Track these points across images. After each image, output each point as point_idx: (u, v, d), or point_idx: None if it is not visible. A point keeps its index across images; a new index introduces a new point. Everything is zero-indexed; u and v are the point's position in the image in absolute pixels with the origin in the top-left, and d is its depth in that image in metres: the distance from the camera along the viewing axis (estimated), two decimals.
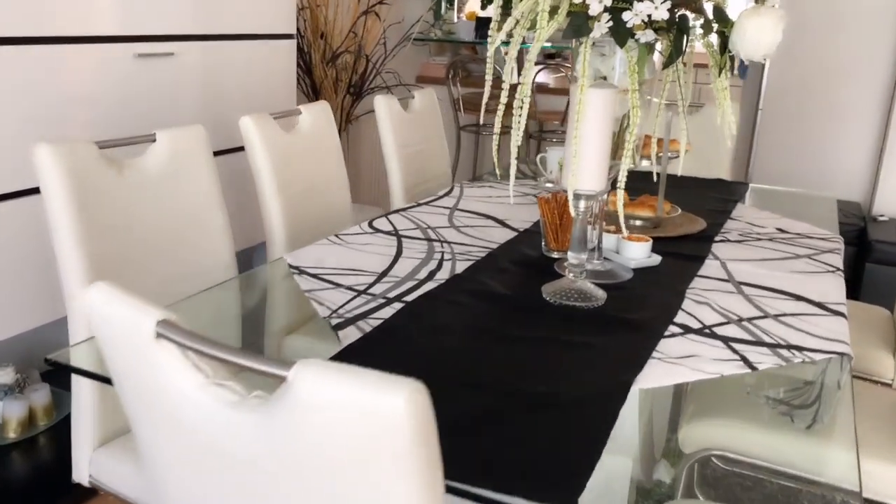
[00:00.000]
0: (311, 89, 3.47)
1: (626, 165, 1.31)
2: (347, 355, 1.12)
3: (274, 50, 2.84)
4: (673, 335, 1.27)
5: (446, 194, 2.13)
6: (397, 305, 1.32)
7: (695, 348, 1.22)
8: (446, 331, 1.23)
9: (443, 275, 1.48)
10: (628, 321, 1.30)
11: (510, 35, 1.33)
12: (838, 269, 1.64)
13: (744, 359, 1.19)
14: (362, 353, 1.13)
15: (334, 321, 1.25)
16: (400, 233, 1.74)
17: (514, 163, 1.33)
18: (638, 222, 1.88)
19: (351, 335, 1.19)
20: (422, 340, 1.19)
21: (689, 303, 1.41)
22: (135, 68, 2.27)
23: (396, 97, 2.39)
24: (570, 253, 1.39)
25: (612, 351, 1.19)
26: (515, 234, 1.78)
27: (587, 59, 1.26)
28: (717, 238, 1.82)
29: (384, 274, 1.47)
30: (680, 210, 1.97)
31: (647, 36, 1.23)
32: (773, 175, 3.77)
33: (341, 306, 1.31)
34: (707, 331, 1.29)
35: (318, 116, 1.98)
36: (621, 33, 1.21)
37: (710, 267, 1.61)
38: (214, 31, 2.56)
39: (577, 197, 1.34)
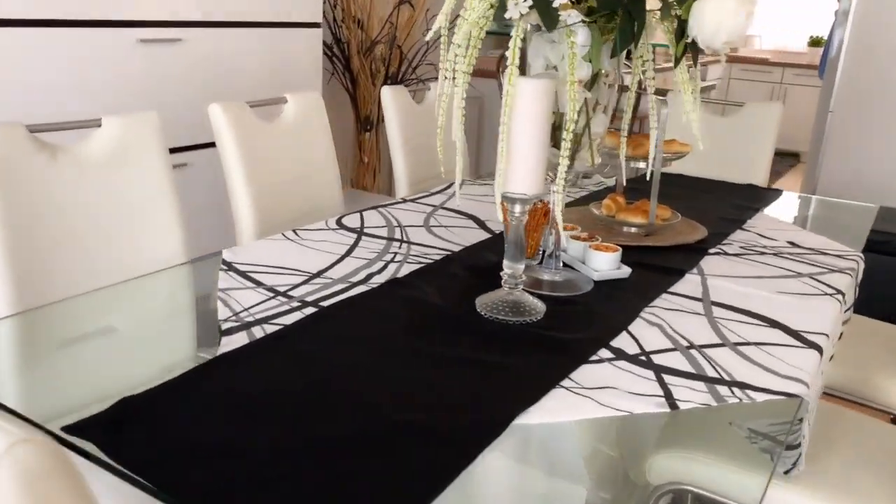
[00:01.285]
0: (349, 80, 3.41)
1: (563, 167, 1.18)
2: (221, 364, 1.04)
3: (297, 38, 2.79)
4: (600, 360, 1.13)
5: (441, 190, 2.02)
6: (310, 310, 1.23)
7: (617, 378, 1.08)
8: (348, 342, 1.13)
9: (381, 278, 1.38)
10: (558, 341, 1.17)
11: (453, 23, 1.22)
12: (838, 293, 1.44)
13: (668, 395, 1.04)
14: (236, 364, 1.05)
15: (227, 325, 1.17)
16: (364, 230, 1.65)
17: (459, 161, 1.21)
18: (632, 229, 1.72)
19: (237, 342, 1.11)
20: (313, 352, 1.09)
21: (640, 323, 1.26)
22: (137, 54, 2.25)
23: (412, 89, 2.30)
24: (504, 261, 1.27)
25: (523, 376, 1.06)
26: (489, 236, 1.65)
27: (517, 43, 1.13)
28: (711, 250, 1.65)
29: (318, 274, 1.38)
30: (680, 217, 1.80)
31: (572, 17, 1.09)
32: (842, 184, 3.48)
33: (247, 308, 1.23)
34: (643, 357, 1.14)
35: (305, 106, 1.91)
36: (548, 15, 1.08)
37: (686, 283, 1.45)
38: (232, 18, 2.53)
39: (512, 201, 1.21)
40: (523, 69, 1.27)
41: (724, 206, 2.03)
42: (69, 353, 1.08)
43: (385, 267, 1.44)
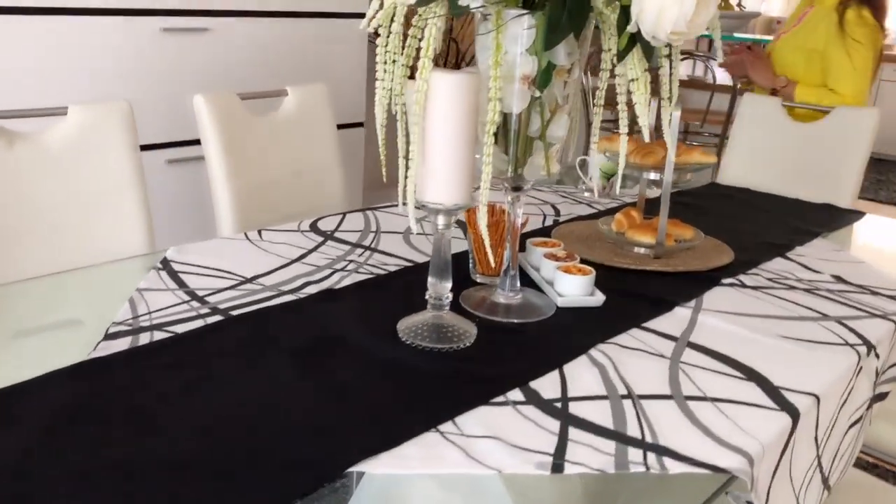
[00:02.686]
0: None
1: (487, 174, 1.01)
2: (66, 374, 0.96)
3: (339, 29, 2.69)
4: (504, 403, 0.95)
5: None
6: (215, 319, 1.13)
7: (510, 426, 0.90)
8: (227, 358, 1.01)
9: (316, 288, 1.26)
10: (470, 376, 1.00)
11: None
12: (862, 343, 1.18)
13: (559, 453, 0.85)
14: (88, 375, 0.96)
15: (117, 328, 1.08)
16: (335, 234, 1.53)
17: (410, 179, 1.08)
18: (642, 250, 1.51)
19: (114, 347, 1.02)
20: (181, 366, 0.99)
21: (581, 362, 1.07)
22: (162, 43, 2.24)
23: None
24: (429, 279, 1.11)
25: (402, 414, 0.91)
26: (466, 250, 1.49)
27: (432, 33, 0.98)
28: (727, 280, 1.41)
29: (250, 280, 1.28)
30: (703, 237, 1.56)
31: (475, 1, 0.92)
32: None
33: (151, 312, 1.14)
34: (557, 404, 0.96)
35: (308, 99, 1.82)
36: None
37: (670, 318, 1.23)
38: (270, 8, 2.47)
39: (434, 212, 1.06)
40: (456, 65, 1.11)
41: (777, 228, 1.76)
42: None
43: (329, 276, 1.31)
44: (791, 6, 7.14)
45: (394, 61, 1.06)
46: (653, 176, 1.51)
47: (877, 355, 1.20)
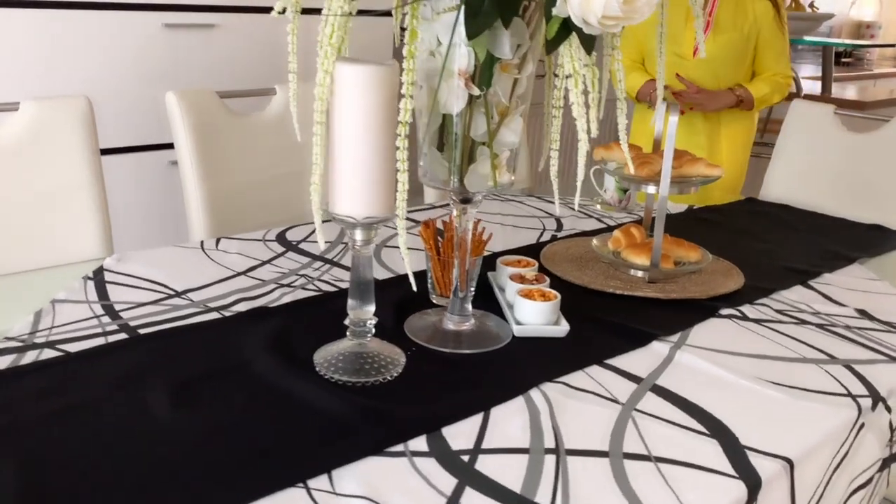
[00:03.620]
0: None
1: (402, 183, 0.87)
2: None
3: (365, 27, 2.58)
4: (400, 454, 0.81)
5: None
6: (119, 337, 1.02)
7: (392, 486, 0.75)
8: (113, 385, 0.91)
9: (247, 306, 1.14)
10: (376, 417, 0.86)
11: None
12: (862, 396, 0.98)
13: None
14: None
15: (7, 343, 0.99)
16: (300, 246, 1.41)
17: (314, 187, 0.96)
18: (639, 273, 1.34)
19: None
20: (58, 392, 0.88)
21: (513, 405, 0.91)
22: (165, 38, 2.17)
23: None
24: (349, 302, 0.98)
25: (268, 462, 0.78)
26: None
27: (336, 22, 0.85)
28: (725, 311, 1.22)
29: (179, 294, 1.17)
30: (710, 259, 1.38)
31: None
32: None
33: (54, 326, 1.04)
34: (464, 457, 0.81)
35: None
36: None
37: (641, 355, 1.06)
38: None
39: (350, 225, 0.92)
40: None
41: (808, 251, 1.55)
42: None
43: (270, 292, 1.20)
44: (887, 9, 6.66)
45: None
46: (651, 189, 1.33)
47: (888, 408, 1.00)
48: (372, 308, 0.97)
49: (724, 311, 1.22)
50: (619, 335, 1.11)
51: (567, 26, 0.79)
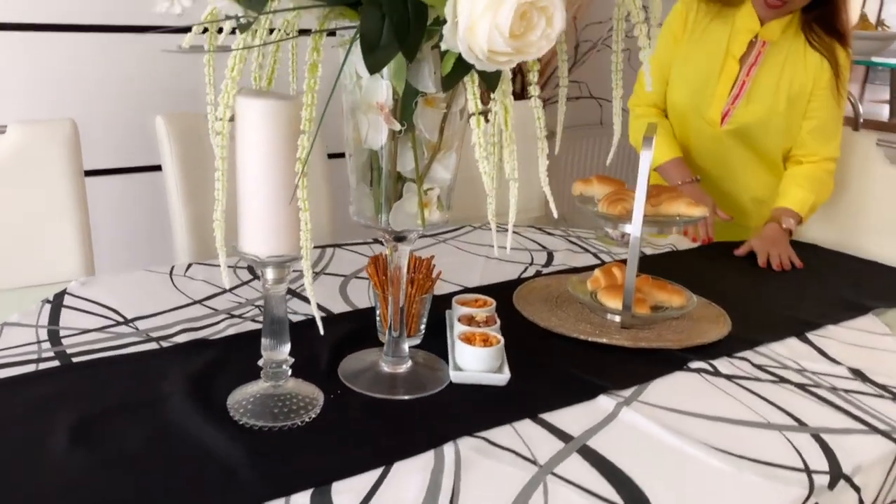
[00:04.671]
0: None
1: (304, 222, 0.83)
2: None
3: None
4: None
5: (444, 232, 1.68)
6: (49, 365, 1.01)
7: None
8: (11, 416, 0.90)
9: (189, 337, 1.12)
10: (247, 472, 0.82)
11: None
12: (819, 472, 0.88)
13: None
14: None
15: None
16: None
17: (217, 224, 0.93)
18: (616, 318, 1.26)
19: None
20: None
21: (418, 462, 0.85)
22: (155, 60, 2.18)
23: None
24: (262, 342, 0.94)
25: None
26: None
27: (237, 55, 0.82)
28: (695, 364, 1.13)
29: (126, 322, 1.16)
30: (694, 304, 1.28)
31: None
32: None
33: None
34: None
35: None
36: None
37: (582, 411, 0.98)
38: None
39: (259, 263, 0.89)
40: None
41: (818, 298, 1.43)
42: None
43: (217, 323, 1.17)
44: None
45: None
46: (628, 228, 1.25)
47: (855, 487, 0.89)
48: (286, 348, 0.93)
49: (694, 364, 1.13)
50: (566, 386, 1.04)
51: (464, 61, 0.74)
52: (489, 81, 0.76)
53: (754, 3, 1.72)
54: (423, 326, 1.16)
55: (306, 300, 1.26)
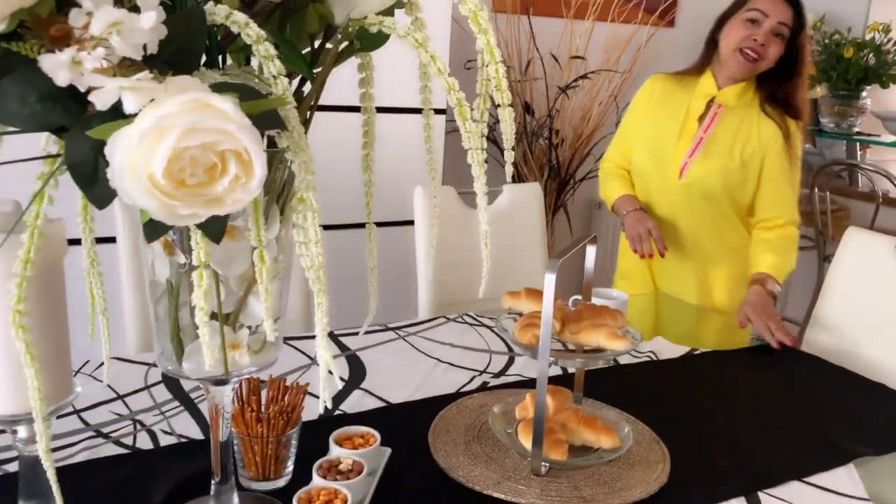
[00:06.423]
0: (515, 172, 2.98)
1: (32, 379, 0.68)
2: None
3: (416, 125, 2.45)
4: None
5: (410, 325, 1.52)
6: None
7: None
8: None
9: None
10: None
11: None
12: None
13: None
14: None
15: None
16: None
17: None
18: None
19: None
20: None
21: None
22: None
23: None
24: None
25: None
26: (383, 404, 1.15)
27: None
28: None
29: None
30: (630, 444, 1.07)
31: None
32: None
33: None
34: None
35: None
36: None
37: None
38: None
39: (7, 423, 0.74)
40: None
41: (797, 437, 1.20)
42: None
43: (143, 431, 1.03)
44: None
45: None
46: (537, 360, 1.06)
47: None
48: None
49: None
50: None
51: None
52: (210, 234, 0.60)
53: (723, 68, 1.82)
54: (289, 467, 0.99)
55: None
